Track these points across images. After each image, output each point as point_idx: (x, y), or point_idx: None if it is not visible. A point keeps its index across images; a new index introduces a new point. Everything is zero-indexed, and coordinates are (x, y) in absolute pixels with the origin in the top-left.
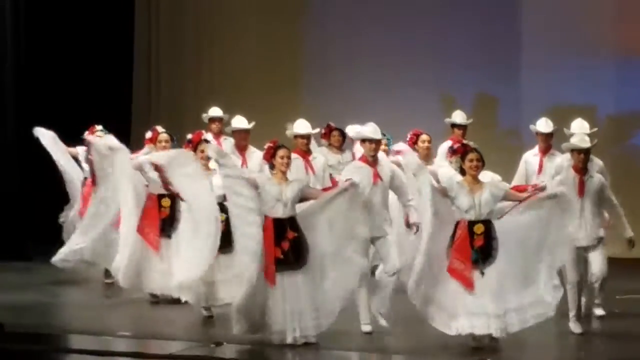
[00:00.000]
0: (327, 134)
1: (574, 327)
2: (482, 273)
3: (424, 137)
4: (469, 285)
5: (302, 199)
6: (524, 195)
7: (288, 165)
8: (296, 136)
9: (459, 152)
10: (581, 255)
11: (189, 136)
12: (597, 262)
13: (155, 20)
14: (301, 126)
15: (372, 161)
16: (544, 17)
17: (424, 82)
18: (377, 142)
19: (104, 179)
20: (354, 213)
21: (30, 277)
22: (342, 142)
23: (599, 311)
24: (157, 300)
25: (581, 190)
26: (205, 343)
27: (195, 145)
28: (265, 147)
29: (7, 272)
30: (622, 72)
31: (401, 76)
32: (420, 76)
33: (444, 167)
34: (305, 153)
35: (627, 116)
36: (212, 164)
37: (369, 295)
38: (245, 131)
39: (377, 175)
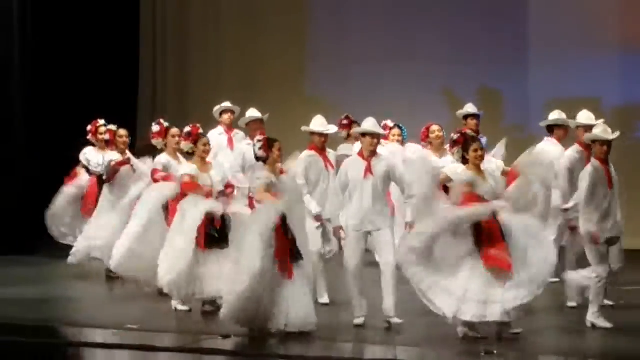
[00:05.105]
0: (348, 125)
1: (602, 322)
2: None
3: (434, 127)
4: (508, 267)
5: None
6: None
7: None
8: (313, 133)
9: (460, 143)
10: (606, 248)
11: (187, 129)
12: (616, 253)
13: (160, 13)
14: (319, 124)
15: (368, 155)
16: (549, 11)
17: (428, 76)
18: (378, 137)
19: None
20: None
21: (35, 272)
22: None
23: (606, 301)
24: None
25: (610, 181)
26: (213, 336)
27: (195, 138)
28: (255, 141)
29: (13, 266)
30: (626, 65)
31: (406, 70)
32: (425, 70)
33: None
34: (322, 150)
35: (632, 109)
36: (210, 157)
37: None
38: (260, 121)
39: (368, 170)
